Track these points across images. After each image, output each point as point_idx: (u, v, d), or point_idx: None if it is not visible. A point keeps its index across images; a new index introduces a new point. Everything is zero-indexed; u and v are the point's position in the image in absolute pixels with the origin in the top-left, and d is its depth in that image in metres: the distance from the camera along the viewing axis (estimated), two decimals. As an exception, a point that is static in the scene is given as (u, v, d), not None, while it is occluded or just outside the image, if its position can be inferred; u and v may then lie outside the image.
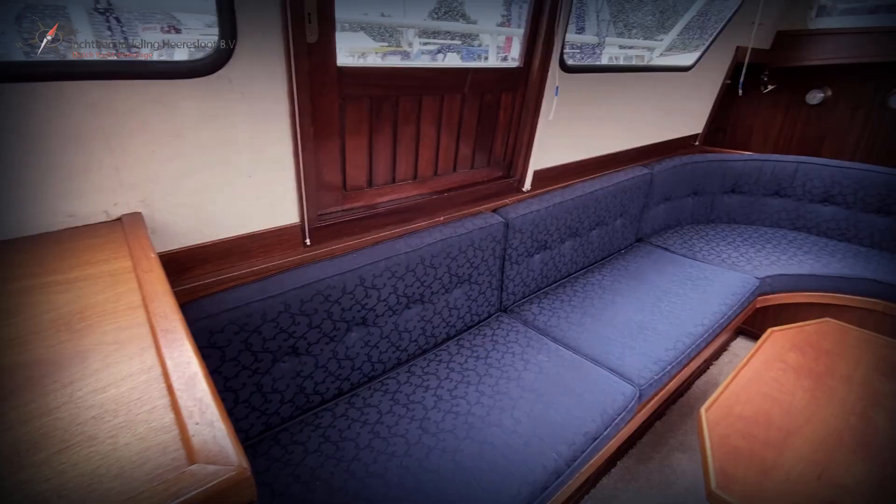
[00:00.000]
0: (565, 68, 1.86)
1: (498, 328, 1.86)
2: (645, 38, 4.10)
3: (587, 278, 2.26)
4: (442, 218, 1.75)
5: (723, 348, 2.71)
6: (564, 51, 1.86)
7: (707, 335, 1.84)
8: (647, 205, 2.65)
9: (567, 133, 2.18)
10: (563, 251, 2.19)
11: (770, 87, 3.72)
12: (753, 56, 3.20)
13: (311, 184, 1.34)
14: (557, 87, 1.76)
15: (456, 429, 1.34)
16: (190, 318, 1.12)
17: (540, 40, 1.69)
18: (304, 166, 1.29)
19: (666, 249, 2.59)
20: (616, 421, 1.43)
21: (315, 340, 1.38)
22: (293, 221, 1.39)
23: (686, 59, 2.85)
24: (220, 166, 1.18)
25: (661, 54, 3.44)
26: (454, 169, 1.78)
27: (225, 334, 1.19)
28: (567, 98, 2.05)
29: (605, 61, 4.15)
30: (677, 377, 1.75)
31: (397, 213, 1.62)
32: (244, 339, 1.23)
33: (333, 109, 1.31)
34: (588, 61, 4.20)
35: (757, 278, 2.23)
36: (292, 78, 1.18)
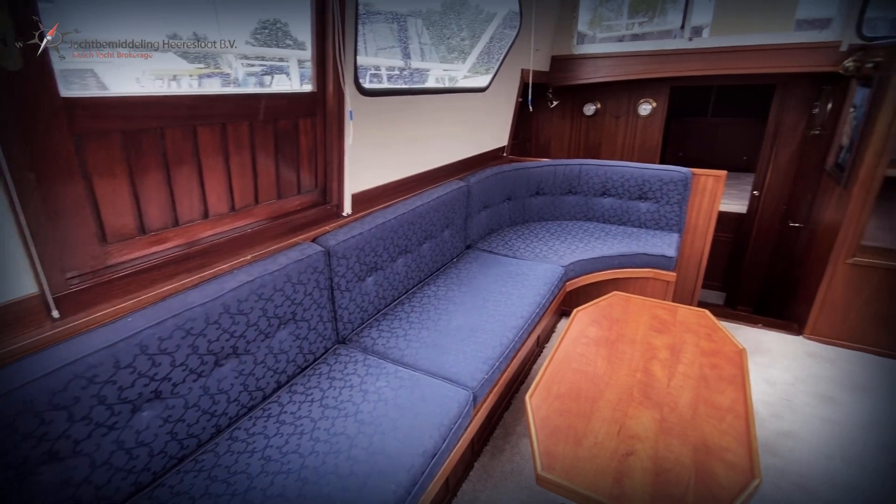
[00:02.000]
0: (362, 91, 1.88)
1: (336, 362, 1.76)
2: (457, 62, 4.44)
3: (424, 291, 2.30)
4: (249, 256, 1.58)
5: (551, 330, 3.05)
6: (361, 74, 1.88)
7: (527, 326, 2.03)
8: (470, 214, 2.86)
9: (382, 154, 2.21)
10: (396, 269, 2.19)
11: (555, 103, 4.40)
12: (537, 77, 3.73)
13: (45, 242, 1.06)
14: (351, 112, 1.76)
15: (286, 491, 1.20)
16: None
17: (329, 64, 1.67)
18: (28, 222, 1.01)
19: (491, 252, 2.82)
20: (454, 430, 1.45)
21: (84, 436, 1.09)
22: (29, 292, 1.08)
23: (483, 80, 3.17)
24: None
25: (464, 76, 3.79)
26: (256, 201, 1.63)
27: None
28: (373, 120, 2.07)
29: (431, 83, 4.41)
30: (508, 369, 1.89)
31: (188, 260, 1.40)
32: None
33: (65, 149, 1.06)
34: (418, 84, 4.40)
35: (562, 266, 2.56)
36: (-12, 115, 0.91)
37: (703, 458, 1.28)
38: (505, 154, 3.60)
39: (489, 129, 3.30)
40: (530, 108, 3.59)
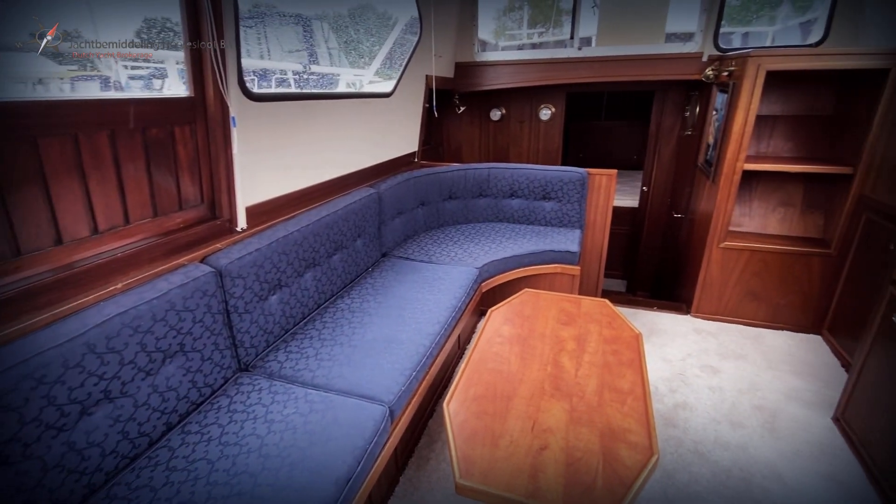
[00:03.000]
0: (251, 96, 1.74)
1: (237, 393, 1.60)
2: (365, 67, 4.33)
3: (337, 305, 2.20)
4: (120, 285, 1.38)
5: (472, 330, 3.09)
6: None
7: (444, 331, 2.03)
8: (383, 221, 2.80)
9: (280, 163, 2.07)
10: (304, 285, 2.07)
11: (462, 109, 4.50)
12: (441, 83, 3.78)
13: None
14: (234, 118, 1.63)
15: (176, 550, 1.05)
16: None
17: (207, 67, 1.52)
18: None
19: (407, 259, 2.79)
20: (370, 450, 1.39)
21: None
22: None
23: (388, 86, 3.13)
24: None
25: (370, 81, 3.72)
26: (127, 221, 1.43)
27: None
28: (268, 127, 1.94)
29: (343, 88, 4.25)
30: (427, 377, 1.86)
31: (36, 296, 1.18)
32: None
33: None
34: (329, 89, 4.22)
35: (477, 268, 2.60)
36: None
37: (609, 442, 1.35)
38: (416, 160, 3.59)
39: (398, 135, 3.27)
40: (435, 113, 3.63)
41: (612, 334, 1.92)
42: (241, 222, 1.84)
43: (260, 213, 1.96)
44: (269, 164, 1.99)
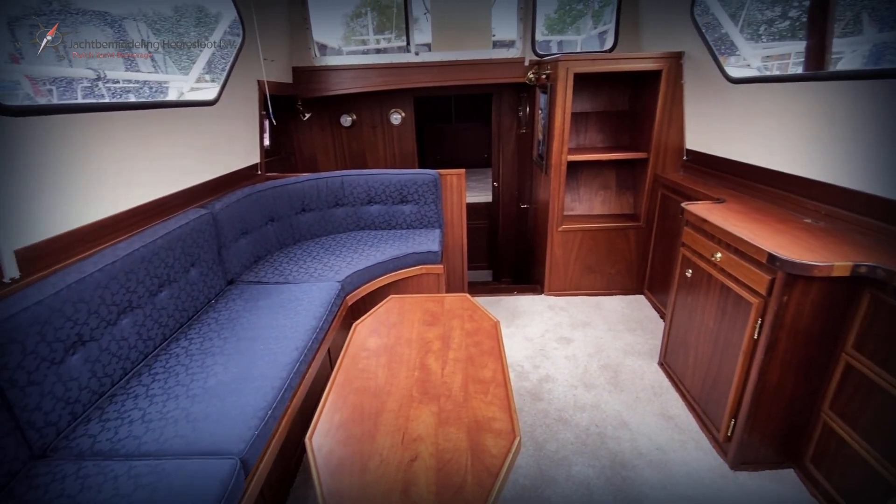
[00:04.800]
0: (7, 111, 1.36)
1: (29, 490, 1.24)
2: (189, 72, 3.79)
3: (171, 350, 1.87)
4: None
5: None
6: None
7: (305, 357, 1.87)
8: (224, 244, 2.48)
9: (65, 190, 1.68)
10: (120, 334, 1.71)
11: (308, 115, 4.28)
12: (279, 89, 3.52)
13: None
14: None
15: None
16: None
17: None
18: None
19: (259, 282, 2.52)
20: (217, 517, 1.19)
21: None
22: None
23: (212, 93, 2.79)
24: None
25: (191, 88, 3.29)
26: None
27: None
28: (46, 148, 1.55)
29: (174, 96, 3.63)
30: (289, 412, 1.69)
31: None
32: None
33: None
34: (160, 97, 3.57)
35: (338, 282, 2.48)
36: None
37: (476, 435, 1.38)
38: (260, 172, 3.29)
39: (234, 147, 2.95)
40: (273, 121, 3.38)
41: (474, 326, 1.99)
42: (11, 270, 1.44)
43: (41, 256, 1.56)
44: (53, 192, 1.60)
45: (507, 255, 5.07)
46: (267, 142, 3.90)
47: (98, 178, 1.84)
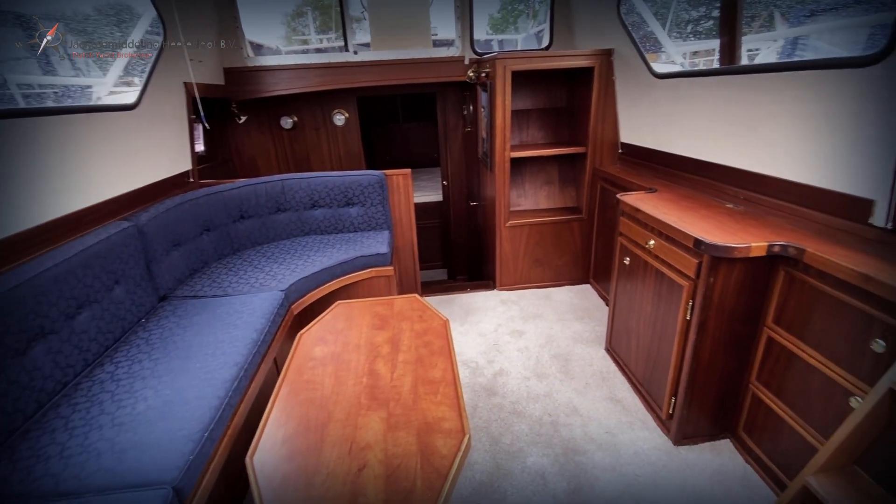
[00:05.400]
0: None
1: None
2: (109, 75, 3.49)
3: (94, 377, 1.72)
4: None
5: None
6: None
7: (245, 373, 1.78)
8: (153, 258, 2.32)
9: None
10: (31, 364, 1.54)
11: (244, 118, 4.09)
12: (209, 91, 3.34)
13: None
14: None
15: None
16: None
17: None
18: None
19: (195, 297, 2.37)
20: (149, 552, 1.10)
21: None
22: None
23: (131, 97, 2.59)
24: None
25: (109, 92, 3.04)
26: None
27: None
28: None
29: (108, 101, 3.31)
30: (230, 432, 1.60)
31: None
32: None
33: None
34: (99, 101, 3.24)
35: (282, 291, 2.38)
36: None
37: (426, 437, 1.36)
38: (192, 179, 3.10)
39: (160, 153, 2.75)
40: (206, 125, 3.20)
41: (423, 327, 1.97)
42: None
43: (-75, 283, 1.38)
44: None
45: (461, 253, 5.09)
46: (200, 147, 3.70)
47: (6, 191, 1.65)
